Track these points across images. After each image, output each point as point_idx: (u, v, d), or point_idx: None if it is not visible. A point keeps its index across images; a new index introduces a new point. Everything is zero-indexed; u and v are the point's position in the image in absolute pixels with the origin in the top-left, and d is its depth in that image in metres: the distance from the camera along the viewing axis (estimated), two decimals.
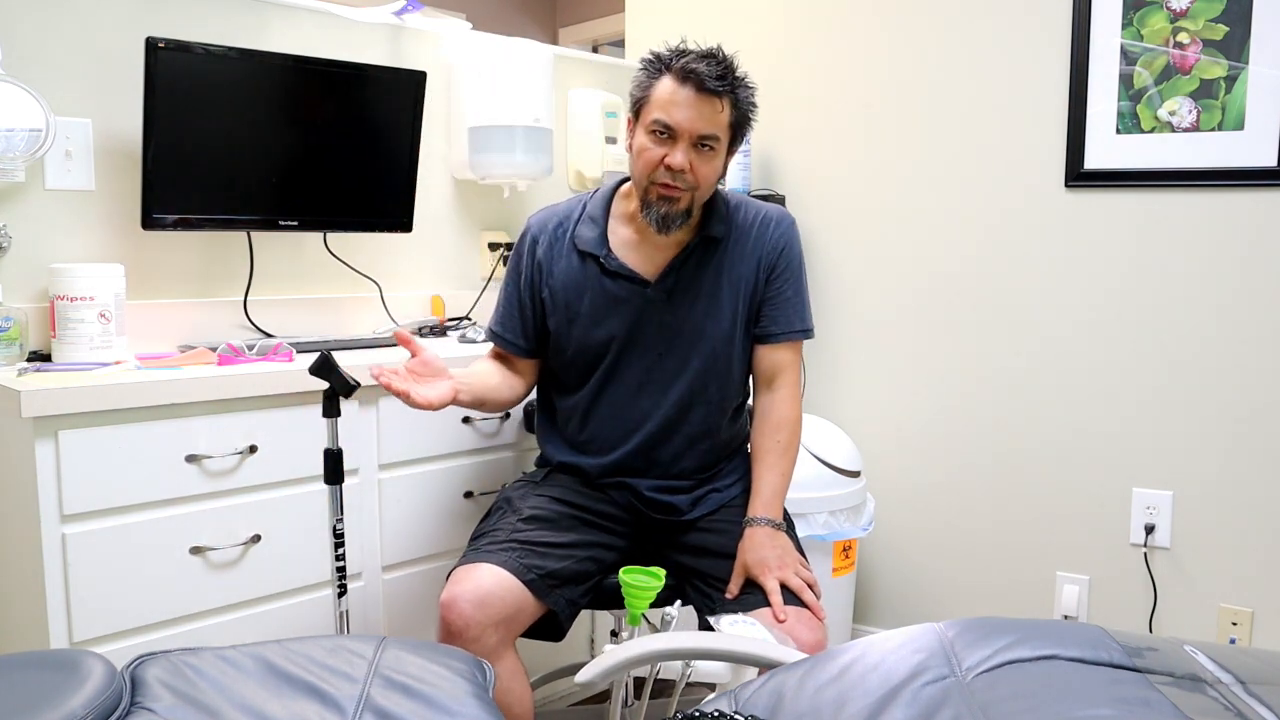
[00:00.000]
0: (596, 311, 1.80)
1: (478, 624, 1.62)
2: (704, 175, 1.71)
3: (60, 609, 1.56)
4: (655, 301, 1.79)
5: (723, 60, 1.69)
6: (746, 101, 1.73)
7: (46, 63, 1.89)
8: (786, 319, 1.83)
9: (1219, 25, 2.22)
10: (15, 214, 1.87)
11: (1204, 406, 2.31)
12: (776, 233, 1.83)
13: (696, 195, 1.73)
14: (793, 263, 1.84)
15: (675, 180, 1.70)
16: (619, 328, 1.80)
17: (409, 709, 1.09)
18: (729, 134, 1.72)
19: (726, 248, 1.81)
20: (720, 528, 1.81)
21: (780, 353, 1.84)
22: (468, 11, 2.93)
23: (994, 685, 1.04)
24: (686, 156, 1.69)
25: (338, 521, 1.65)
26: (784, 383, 1.84)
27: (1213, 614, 2.33)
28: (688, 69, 1.66)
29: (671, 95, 1.68)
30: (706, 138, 1.69)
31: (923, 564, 2.72)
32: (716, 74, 1.66)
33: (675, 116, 1.68)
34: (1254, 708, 0.97)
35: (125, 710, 1.04)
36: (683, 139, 1.69)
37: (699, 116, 1.67)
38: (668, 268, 1.79)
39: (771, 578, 1.68)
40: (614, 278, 1.79)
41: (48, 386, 1.52)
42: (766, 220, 1.84)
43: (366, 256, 2.36)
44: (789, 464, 1.82)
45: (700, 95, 1.67)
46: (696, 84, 1.66)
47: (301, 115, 2.07)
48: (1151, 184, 2.34)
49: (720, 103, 1.68)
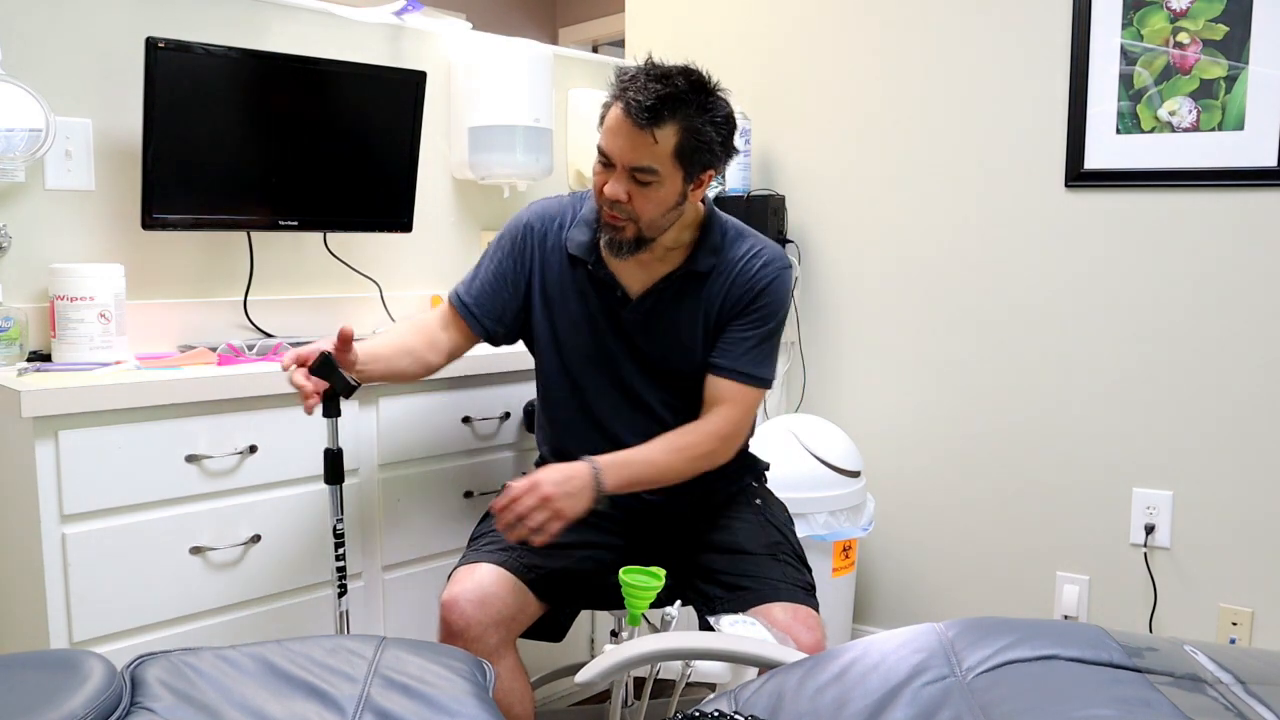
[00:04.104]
0: (576, 319, 1.77)
1: (479, 624, 1.62)
2: (642, 208, 1.63)
3: (60, 609, 1.56)
4: (630, 323, 1.75)
5: (670, 86, 1.58)
6: (705, 125, 1.61)
7: (46, 63, 1.89)
8: (734, 356, 1.72)
9: (1219, 25, 2.22)
10: (15, 214, 1.87)
11: (1204, 406, 2.31)
12: (761, 272, 1.73)
13: (642, 226, 1.65)
14: (766, 308, 1.73)
15: (614, 209, 1.65)
16: (594, 341, 1.77)
17: (409, 709, 1.09)
18: (673, 165, 1.61)
19: (710, 281, 1.74)
20: (721, 524, 1.80)
21: (721, 386, 1.73)
22: (468, 11, 2.92)
23: (994, 685, 1.04)
24: (622, 187, 1.62)
25: (338, 521, 1.65)
26: (718, 413, 1.73)
27: (1213, 614, 2.33)
28: (626, 97, 1.59)
29: (611, 123, 1.62)
30: (640, 170, 1.61)
31: (923, 564, 2.72)
32: (649, 104, 1.56)
33: (610, 146, 1.62)
34: (1254, 708, 0.97)
35: (125, 710, 1.04)
36: (619, 169, 1.62)
37: (630, 148, 1.60)
38: (649, 291, 1.74)
39: (520, 487, 1.59)
40: (598, 287, 1.76)
41: (48, 386, 1.53)
42: (756, 257, 1.74)
43: (366, 256, 2.36)
44: (668, 458, 1.69)
45: (634, 126, 1.58)
46: (631, 114, 1.58)
47: (302, 115, 2.07)
48: (1151, 184, 2.34)
49: (652, 134, 1.58)
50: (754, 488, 1.90)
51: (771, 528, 1.81)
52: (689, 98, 1.60)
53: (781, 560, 1.75)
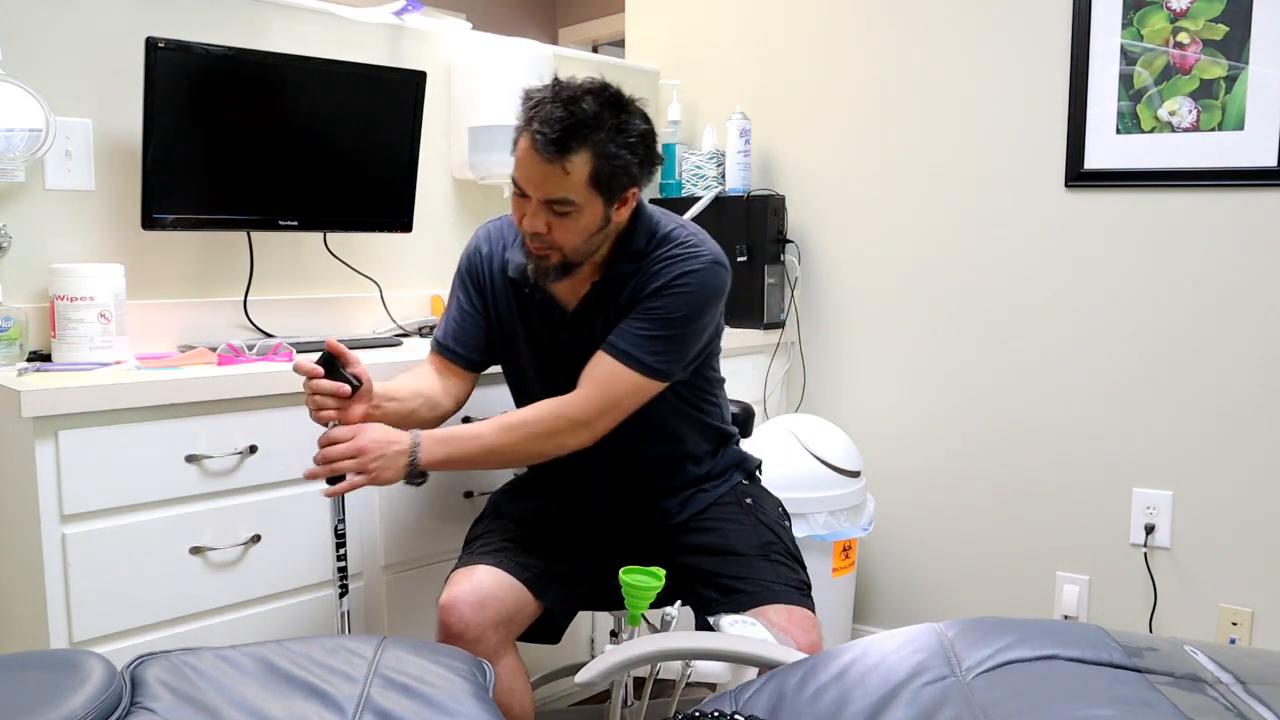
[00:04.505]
0: (525, 338, 1.77)
1: (477, 625, 1.62)
2: (563, 238, 1.59)
3: (60, 609, 1.56)
4: (568, 340, 1.74)
5: (577, 112, 1.52)
6: (619, 149, 1.55)
7: (46, 63, 1.89)
8: (618, 334, 1.64)
9: (1219, 25, 2.22)
10: (15, 214, 1.87)
11: (1204, 406, 2.31)
12: (671, 271, 1.64)
13: (566, 254, 1.61)
14: (664, 308, 1.63)
15: (535, 241, 1.61)
16: (544, 357, 1.76)
17: (409, 709, 1.09)
18: (589, 193, 1.56)
19: (629, 284, 1.68)
20: (711, 525, 1.79)
21: (593, 361, 1.65)
22: (468, 11, 2.92)
23: (994, 685, 1.04)
24: (541, 219, 1.57)
25: (339, 521, 1.65)
26: (577, 392, 1.65)
27: (1213, 614, 2.33)
28: (532, 129, 1.53)
29: (521, 155, 1.57)
30: (555, 201, 1.56)
31: (923, 564, 2.72)
32: (555, 136, 1.51)
33: (522, 179, 1.57)
34: (1254, 708, 0.97)
35: (125, 710, 1.04)
36: (534, 201, 1.57)
37: (542, 181, 1.55)
38: (581, 304, 1.71)
39: (343, 433, 1.55)
40: (538, 307, 1.74)
41: (48, 386, 1.53)
42: (675, 260, 1.65)
43: (366, 256, 2.36)
44: (499, 437, 1.62)
45: (541, 158, 1.53)
46: (538, 148, 1.53)
47: (301, 115, 2.07)
48: (1151, 184, 2.34)
49: (562, 166, 1.53)
50: (744, 485, 1.88)
51: (763, 527, 1.79)
52: (599, 121, 1.54)
53: (774, 560, 1.73)
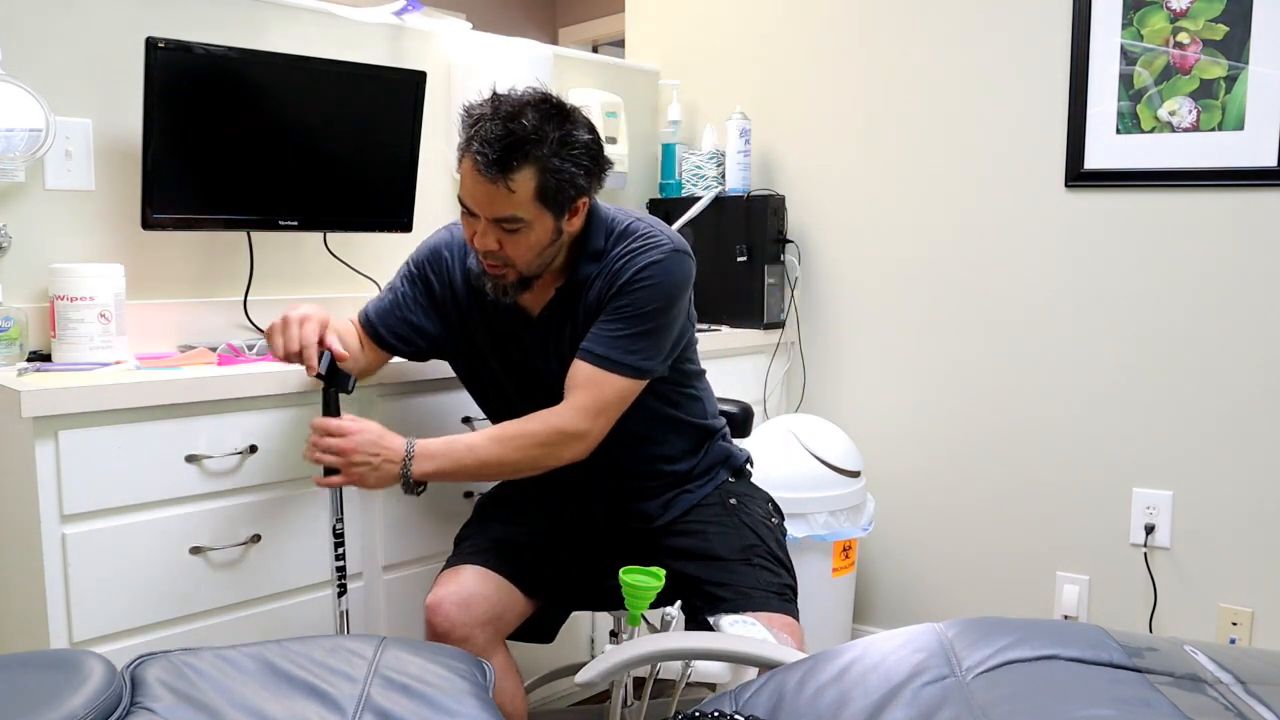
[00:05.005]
0: (489, 346, 1.75)
1: (463, 625, 1.61)
2: (515, 254, 1.58)
3: (60, 609, 1.56)
4: (532, 344, 1.72)
5: (517, 127, 1.50)
6: (563, 162, 1.53)
7: (46, 63, 1.89)
8: (594, 339, 1.63)
9: (1219, 25, 2.22)
10: (15, 214, 1.87)
11: (1204, 406, 2.31)
12: (630, 266, 1.63)
13: (520, 269, 1.61)
14: (633, 304, 1.62)
15: (488, 259, 1.60)
16: (508, 365, 1.75)
17: (409, 709, 1.09)
18: (537, 208, 1.54)
19: (592, 285, 1.66)
20: (694, 529, 1.77)
21: (574, 369, 1.64)
22: (468, 11, 2.92)
23: (994, 685, 1.04)
24: (491, 237, 1.56)
25: (338, 521, 1.65)
26: (565, 403, 1.63)
27: (1213, 614, 2.33)
28: (473, 149, 1.52)
29: (465, 175, 1.56)
30: (503, 219, 1.55)
31: (923, 564, 2.72)
32: (496, 156, 1.49)
33: (468, 198, 1.57)
34: (1254, 708, 0.97)
35: (125, 710, 1.04)
36: (482, 219, 1.56)
37: (488, 200, 1.53)
38: (545, 308, 1.70)
39: (336, 426, 1.59)
40: (502, 314, 1.72)
41: (48, 386, 1.53)
42: (634, 255, 1.63)
43: (366, 256, 2.36)
44: (492, 449, 1.62)
45: (485, 178, 1.52)
46: (480, 168, 1.51)
47: (301, 115, 2.07)
48: (1151, 184, 2.33)
49: (506, 185, 1.51)
50: (730, 484, 1.85)
51: (746, 529, 1.76)
52: (541, 135, 1.51)
53: (756, 565, 1.71)
